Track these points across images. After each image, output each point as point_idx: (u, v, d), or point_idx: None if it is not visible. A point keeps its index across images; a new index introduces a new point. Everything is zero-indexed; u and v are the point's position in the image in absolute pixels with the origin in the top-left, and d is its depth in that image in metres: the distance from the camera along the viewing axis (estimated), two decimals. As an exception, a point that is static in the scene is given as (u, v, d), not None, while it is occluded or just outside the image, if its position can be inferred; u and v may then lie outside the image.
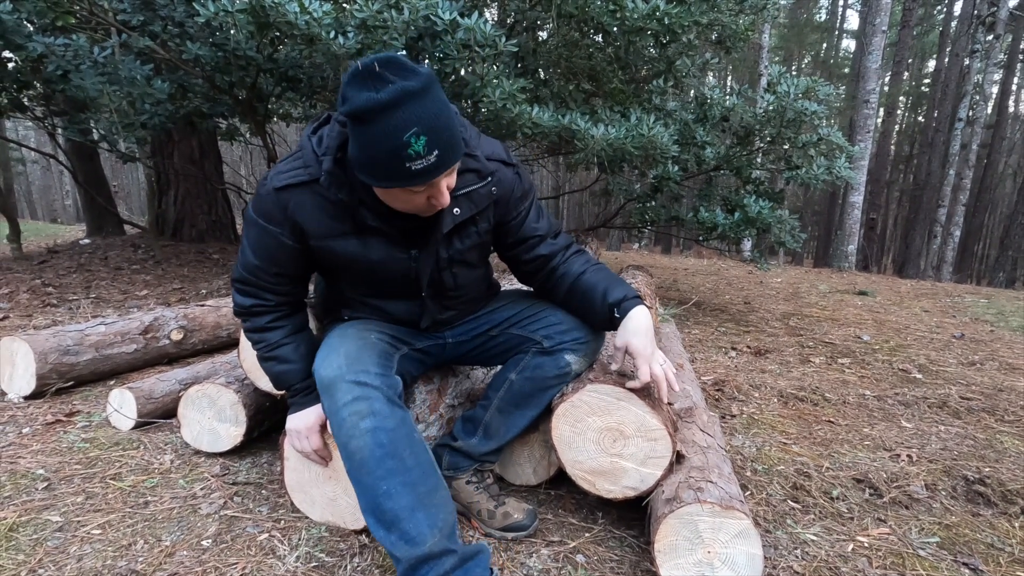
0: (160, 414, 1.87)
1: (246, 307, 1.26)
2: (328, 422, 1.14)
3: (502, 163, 1.25)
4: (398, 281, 1.26)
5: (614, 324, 1.26)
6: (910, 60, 17.95)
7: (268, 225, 1.15)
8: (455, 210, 1.18)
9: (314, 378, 1.23)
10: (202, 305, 2.66)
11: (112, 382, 2.23)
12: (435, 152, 0.96)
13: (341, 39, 2.64)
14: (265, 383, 1.56)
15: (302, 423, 1.25)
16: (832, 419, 2.17)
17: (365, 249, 1.18)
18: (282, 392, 1.34)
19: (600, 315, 1.28)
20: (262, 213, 1.15)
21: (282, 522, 1.36)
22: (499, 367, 1.47)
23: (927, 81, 18.97)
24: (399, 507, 1.06)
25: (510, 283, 2.40)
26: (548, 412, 1.35)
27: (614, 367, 1.30)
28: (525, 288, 1.52)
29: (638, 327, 1.22)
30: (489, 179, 1.21)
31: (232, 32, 3.09)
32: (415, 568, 1.05)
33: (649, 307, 2.04)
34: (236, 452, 1.67)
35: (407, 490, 1.07)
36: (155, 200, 5.52)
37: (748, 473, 1.70)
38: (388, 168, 0.97)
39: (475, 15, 2.64)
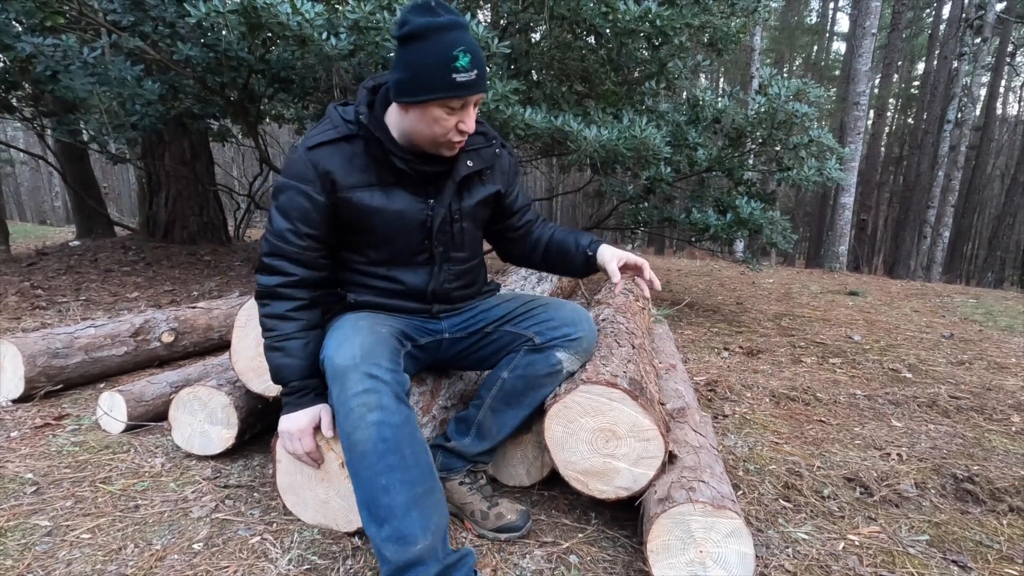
0: (150, 417, 1.86)
1: (270, 287, 1.26)
2: (334, 412, 1.15)
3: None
4: (413, 233, 1.32)
5: (590, 264, 1.49)
6: (899, 63, 18.11)
7: (299, 184, 1.23)
8: (468, 162, 1.33)
9: (311, 380, 1.24)
10: (193, 307, 2.64)
11: (102, 385, 2.21)
12: (475, 71, 1.13)
13: (333, 40, 2.63)
14: (257, 385, 1.55)
15: (295, 425, 1.24)
16: (823, 419, 2.19)
17: (388, 200, 1.28)
18: (274, 394, 1.32)
19: (578, 259, 1.50)
20: (293, 174, 1.24)
21: (274, 525, 1.36)
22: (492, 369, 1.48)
23: (916, 83, 19.16)
24: (395, 504, 1.06)
25: (505, 285, 2.41)
26: (541, 413, 1.35)
27: (616, 280, 1.42)
28: (518, 291, 1.55)
29: (611, 250, 1.47)
30: (494, 140, 1.41)
31: (223, 33, 3.08)
32: (400, 572, 1.05)
33: (642, 307, 2.07)
34: (228, 455, 1.66)
35: (405, 488, 1.07)
36: (146, 202, 5.47)
37: (740, 473, 1.71)
38: (436, 78, 1.11)
39: (468, 16, 2.65)
